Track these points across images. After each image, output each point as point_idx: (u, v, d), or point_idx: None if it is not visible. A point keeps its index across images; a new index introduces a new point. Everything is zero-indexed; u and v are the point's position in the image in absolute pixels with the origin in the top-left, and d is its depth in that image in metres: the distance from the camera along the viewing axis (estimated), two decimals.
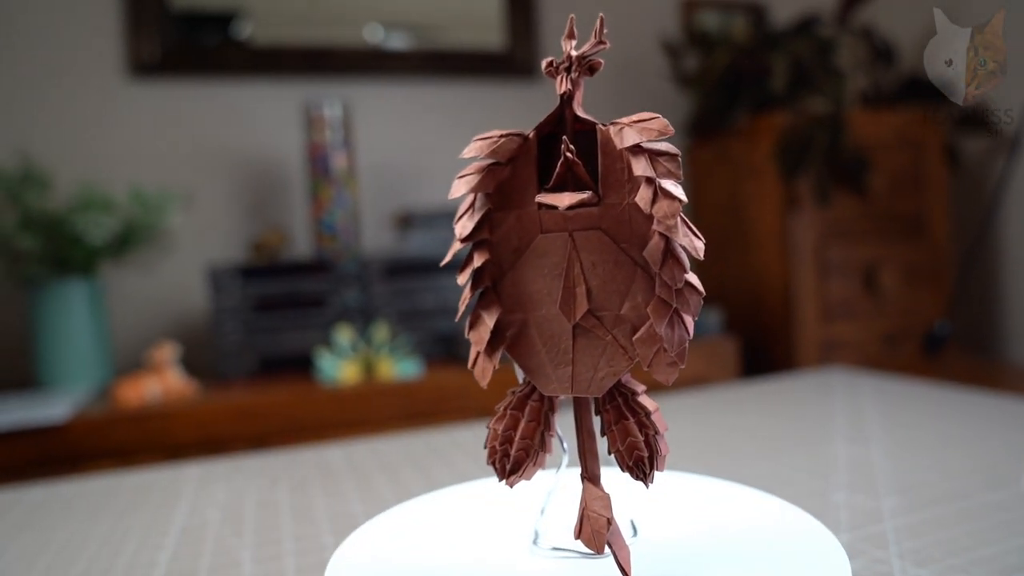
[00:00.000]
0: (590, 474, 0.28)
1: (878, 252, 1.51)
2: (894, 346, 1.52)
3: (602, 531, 0.27)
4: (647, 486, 0.27)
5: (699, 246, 0.26)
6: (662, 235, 0.26)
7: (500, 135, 0.27)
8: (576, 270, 0.27)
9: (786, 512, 0.32)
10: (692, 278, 0.26)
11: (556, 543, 0.29)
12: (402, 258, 1.30)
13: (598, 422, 0.28)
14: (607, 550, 0.27)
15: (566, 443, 0.30)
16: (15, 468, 0.96)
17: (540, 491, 0.33)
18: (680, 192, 0.26)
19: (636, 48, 1.75)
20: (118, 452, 1.00)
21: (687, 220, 0.26)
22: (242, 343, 1.22)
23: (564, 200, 0.27)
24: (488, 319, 0.27)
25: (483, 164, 0.27)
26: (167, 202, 1.21)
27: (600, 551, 0.28)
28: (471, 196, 0.27)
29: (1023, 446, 0.52)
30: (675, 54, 1.65)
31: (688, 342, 0.26)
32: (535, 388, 0.28)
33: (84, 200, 1.14)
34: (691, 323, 0.26)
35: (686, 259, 0.26)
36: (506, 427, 0.28)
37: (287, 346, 1.24)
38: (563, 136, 0.27)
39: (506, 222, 0.27)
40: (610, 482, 0.28)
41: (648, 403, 0.27)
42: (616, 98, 1.73)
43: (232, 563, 0.40)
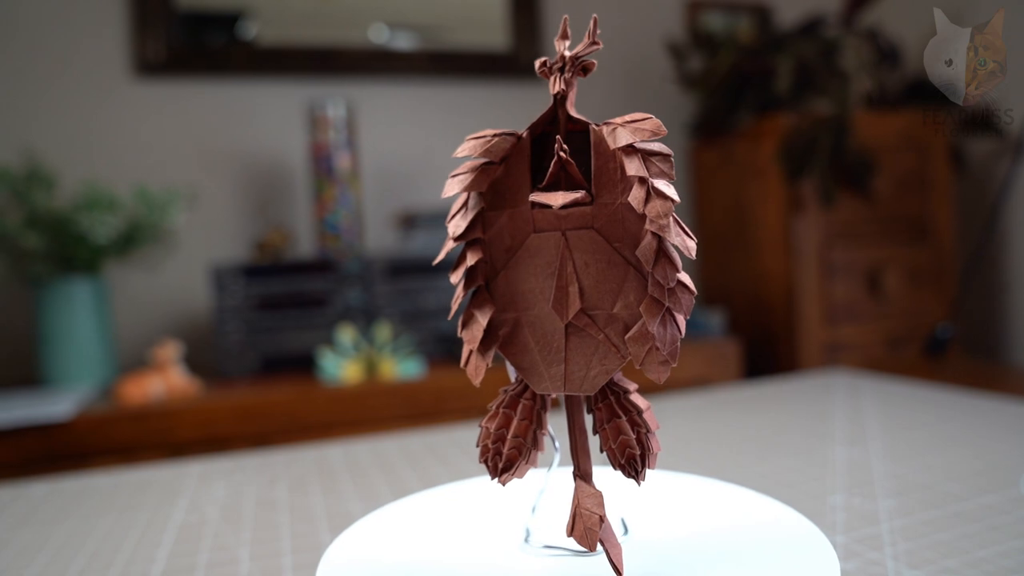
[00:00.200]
0: (582, 472, 0.28)
1: (882, 254, 1.51)
2: (898, 348, 1.52)
3: (595, 528, 0.27)
4: (639, 484, 0.27)
5: (691, 246, 0.26)
6: (655, 234, 0.26)
7: (493, 134, 0.27)
8: (569, 269, 0.27)
9: (778, 512, 0.32)
10: (684, 277, 0.26)
11: (548, 541, 0.29)
12: (405, 258, 1.31)
13: (590, 420, 0.28)
14: (599, 548, 0.28)
15: (558, 441, 0.30)
16: (20, 464, 0.97)
17: (532, 489, 0.33)
18: (673, 192, 0.26)
19: (641, 49, 1.75)
20: (121, 449, 1.01)
21: (679, 220, 0.26)
22: (245, 342, 1.22)
23: (557, 199, 0.27)
24: (481, 318, 0.27)
25: (476, 163, 0.27)
26: (171, 201, 1.22)
27: (592, 549, 0.28)
28: (464, 195, 0.27)
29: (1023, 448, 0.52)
30: (679, 55, 1.65)
31: (680, 341, 0.26)
32: (527, 387, 0.28)
33: (89, 199, 1.15)
34: (683, 322, 0.26)
35: (678, 258, 0.26)
36: (499, 425, 0.28)
37: (289, 345, 1.24)
38: (557, 136, 0.27)
39: (499, 221, 0.27)
40: (601, 480, 0.28)
41: (640, 401, 0.27)
42: (620, 99, 1.73)
43: (230, 560, 0.41)
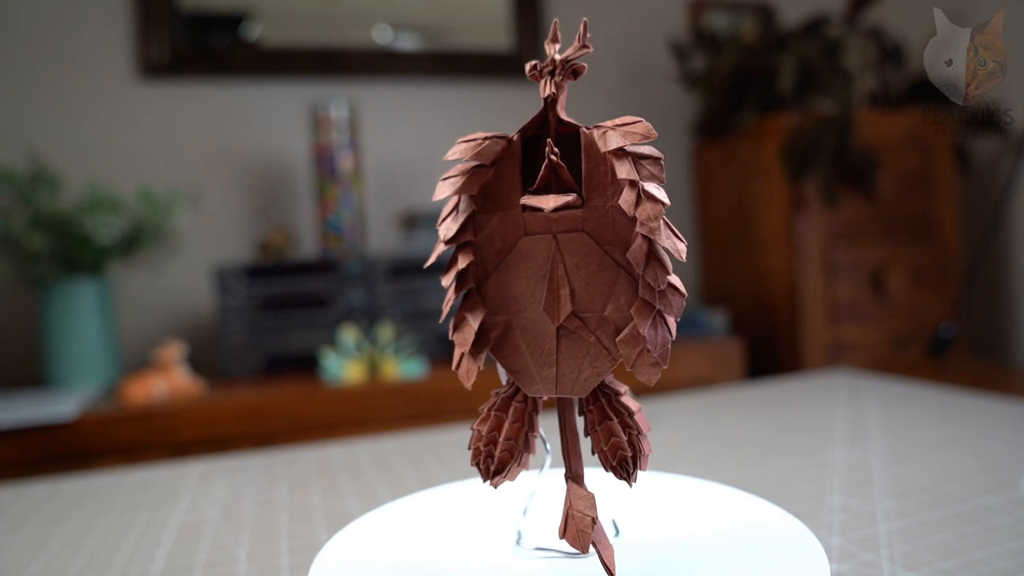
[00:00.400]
0: (574, 474, 0.28)
1: (886, 254, 1.50)
2: (902, 348, 1.51)
3: (587, 530, 0.27)
4: (630, 485, 0.27)
5: (681, 248, 0.26)
6: (645, 237, 0.26)
7: (484, 137, 0.27)
8: (560, 272, 0.27)
9: (770, 514, 0.32)
10: (675, 280, 0.26)
11: (539, 543, 0.29)
12: (407, 258, 1.31)
13: (581, 423, 0.28)
14: (591, 549, 0.28)
15: (549, 444, 0.30)
16: (24, 464, 0.97)
17: (525, 491, 0.33)
18: (663, 195, 0.26)
19: (644, 49, 1.75)
20: (125, 449, 1.01)
21: (669, 223, 0.26)
22: (248, 342, 1.23)
23: (549, 202, 0.27)
24: (472, 321, 0.27)
25: (467, 166, 0.27)
26: (175, 202, 1.22)
27: (585, 550, 0.28)
28: (455, 198, 0.27)
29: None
30: (682, 55, 1.65)
31: (671, 343, 0.26)
32: (519, 389, 0.28)
33: (93, 200, 1.15)
34: (674, 324, 0.26)
35: (669, 261, 0.26)
36: (490, 428, 0.28)
37: (292, 346, 1.24)
38: (547, 139, 0.27)
39: (490, 224, 0.27)
40: (593, 482, 0.28)
41: (631, 403, 0.27)
42: (623, 98, 1.73)
43: (228, 560, 0.41)
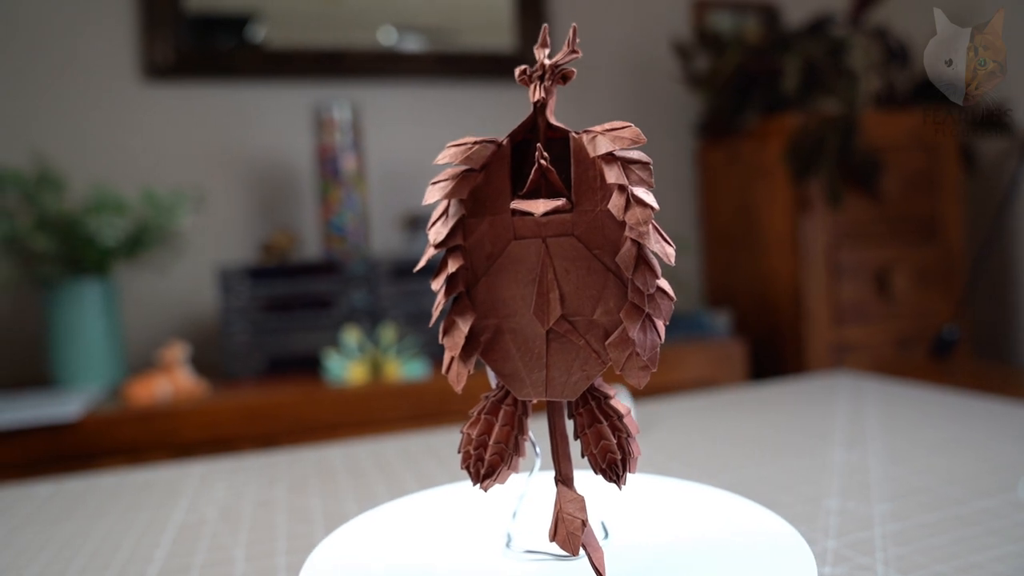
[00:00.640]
0: (564, 477, 0.28)
1: (891, 254, 1.50)
2: (907, 349, 1.51)
3: (577, 533, 0.28)
4: (620, 488, 0.27)
5: (670, 252, 0.26)
6: (634, 241, 0.26)
7: (474, 142, 0.27)
8: (549, 276, 0.27)
9: (760, 517, 0.32)
10: (664, 283, 0.26)
11: (529, 546, 0.29)
12: (410, 260, 1.31)
13: (570, 426, 0.28)
14: (580, 552, 0.28)
15: (539, 447, 0.30)
16: (28, 464, 0.98)
17: (515, 494, 0.33)
18: (652, 200, 0.26)
19: (647, 49, 1.75)
20: (128, 450, 1.02)
21: (658, 227, 0.26)
22: (251, 343, 1.23)
23: (539, 207, 0.27)
24: (462, 325, 0.27)
25: (457, 170, 0.27)
26: (178, 203, 1.23)
27: (575, 553, 0.28)
28: (445, 202, 0.27)
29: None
30: (686, 55, 1.65)
31: (660, 346, 0.26)
32: (508, 392, 0.28)
33: (97, 201, 1.16)
34: (663, 328, 0.26)
35: (658, 265, 0.26)
36: (480, 432, 0.28)
37: (295, 346, 1.25)
38: (537, 143, 0.27)
39: (479, 228, 0.27)
40: (582, 485, 0.28)
41: (620, 406, 0.27)
42: (627, 99, 1.73)
43: (225, 560, 0.41)
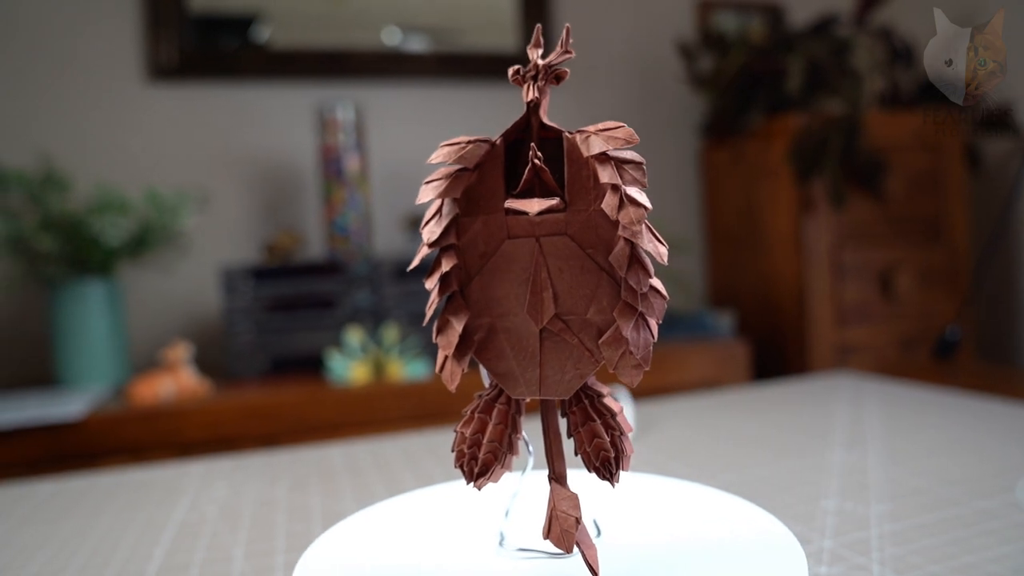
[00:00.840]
0: (557, 475, 0.28)
1: (895, 255, 1.49)
2: (911, 350, 1.50)
3: (571, 530, 0.28)
4: (613, 486, 0.27)
5: (663, 252, 0.26)
6: (627, 241, 0.26)
7: (467, 141, 0.27)
8: (543, 275, 0.27)
9: (753, 516, 0.32)
10: (656, 282, 0.26)
11: (522, 544, 0.30)
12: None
13: (563, 424, 0.29)
14: (574, 550, 0.28)
15: (531, 446, 0.30)
16: (32, 463, 0.98)
17: (508, 493, 0.33)
18: (645, 199, 0.26)
19: (652, 49, 1.75)
20: (131, 449, 1.03)
21: (651, 226, 0.26)
22: (254, 343, 1.23)
23: (534, 206, 0.27)
24: (456, 324, 0.27)
25: (450, 170, 0.27)
26: (182, 204, 1.24)
27: (569, 551, 0.28)
28: (438, 201, 0.28)
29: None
30: (690, 55, 1.65)
31: (652, 345, 0.26)
32: (502, 391, 0.28)
33: (101, 202, 1.17)
34: (655, 326, 0.27)
35: (650, 264, 0.26)
36: (474, 430, 0.28)
37: (298, 346, 1.25)
38: (531, 143, 0.27)
39: (473, 227, 0.28)
40: (575, 483, 0.29)
41: (613, 405, 0.28)
42: (631, 99, 1.73)
43: (224, 558, 0.41)
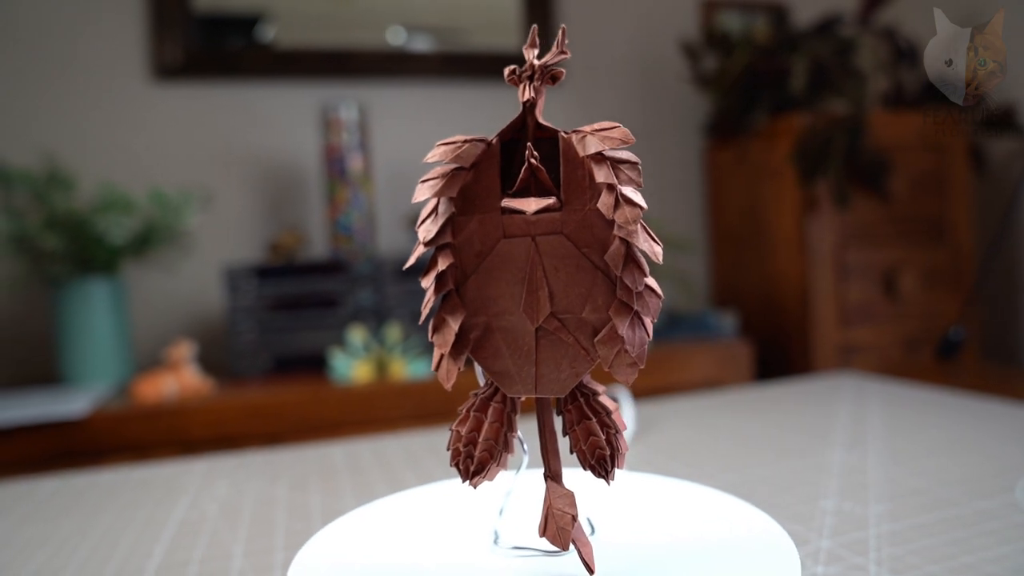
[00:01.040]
0: (553, 473, 0.28)
1: (899, 255, 1.49)
2: (914, 351, 1.50)
3: (567, 528, 0.28)
4: (608, 483, 0.27)
5: (658, 251, 0.26)
6: (623, 240, 0.26)
7: (464, 140, 0.27)
8: (539, 274, 0.27)
9: (748, 516, 0.32)
10: (651, 282, 0.26)
11: (516, 542, 0.30)
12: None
13: (559, 423, 0.29)
14: (569, 547, 0.28)
15: (526, 444, 0.30)
16: (36, 461, 0.99)
17: (504, 491, 0.33)
18: (640, 199, 0.26)
19: (656, 49, 1.74)
20: (134, 447, 1.03)
21: (646, 226, 0.26)
22: (257, 342, 1.24)
23: (531, 205, 0.27)
24: (452, 323, 0.27)
25: (447, 169, 0.27)
26: (186, 203, 1.24)
27: (565, 548, 0.28)
28: (434, 200, 0.28)
29: None
30: (694, 55, 1.64)
31: (648, 343, 0.27)
32: (497, 390, 0.28)
33: (105, 201, 1.17)
34: (650, 325, 0.27)
35: (645, 263, 0.26)
36: (470, 429, 0.28)
37: (301, 345, 1.26)
38: (528, 143, 0.27)
39: (469, 226, 0.28)
40: (570, 482, 0.29)
41: (608, 403, 0.28)
42: (635, 98, 1.73)
43: (223, 556, 0.42)
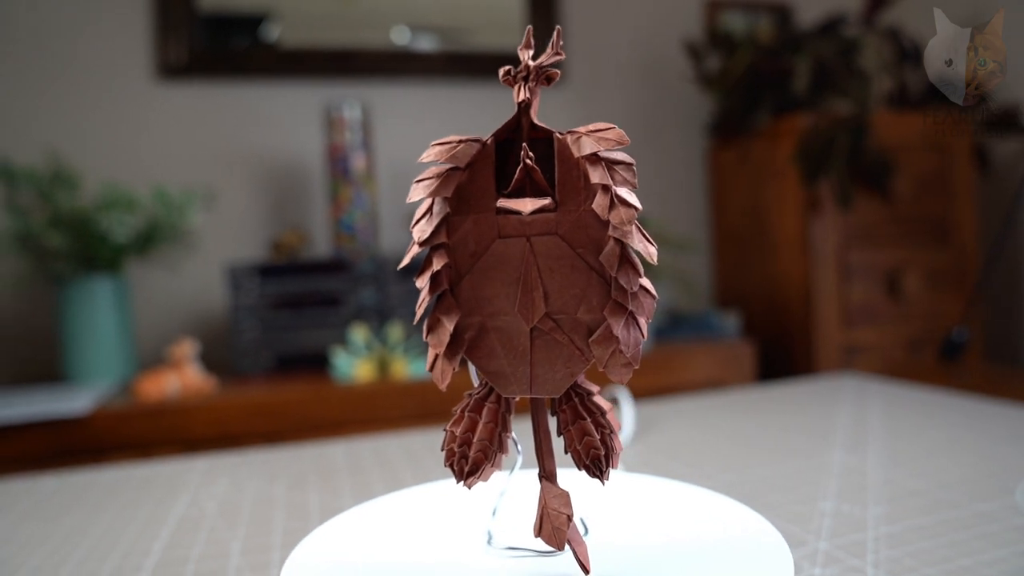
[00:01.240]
0: (547, 473, 0.28)
1: (902, 256, 1.48)
2: (918, 352, 1.49)
3: (563, 528, 0.28)
4: (603, 483, 0.27)
5: (652, 252, 0.26)
6: (618, 240, 0.26)
7: (459, 140, 0.27)
8: (533, 274, 0.27)
9: (744, 517, 0.32)
10: (646, 282, 0.26)
11: (510, 543, 0.30)
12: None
13: (553, 423, 0.29)
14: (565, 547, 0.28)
15: (520, 445, 0.30)
16: (38, 458, 0.99)
17: (497, 491, 0.33)
18: (635, 200, 0.26)
19: (659, 49, 1.74)
20: (137, 445, 1.03)
21: (641, 227, 0.26)
22: (260, 340, 1.24)
23: (527, 206, 0.27)
24: (447, 322, 0.27)
25: (442, 169, 0.27)
26: (189, 202, 1.24)
27: (560, 548, 0.28)
28: (429, 200, 0.28)
29: None
30: (697, 55, 1.64)
31: (642, 344, 0.27)
32: (492, 390, 0.28)
33: (109, 199, 1.18)
34: (645, 325, 0.27)
35: (640, 264, 0.26)
36: (464, 429, 0.28)
37: (303, 344, 1.26)
38: (523, 143, 0.27)
39: (464, 226, 0.28)
40: (564, 482, 0.29)
41: (603, 403, 0.28)
42: (638, 98, 1.73)
43: (221, 554, 0.42)
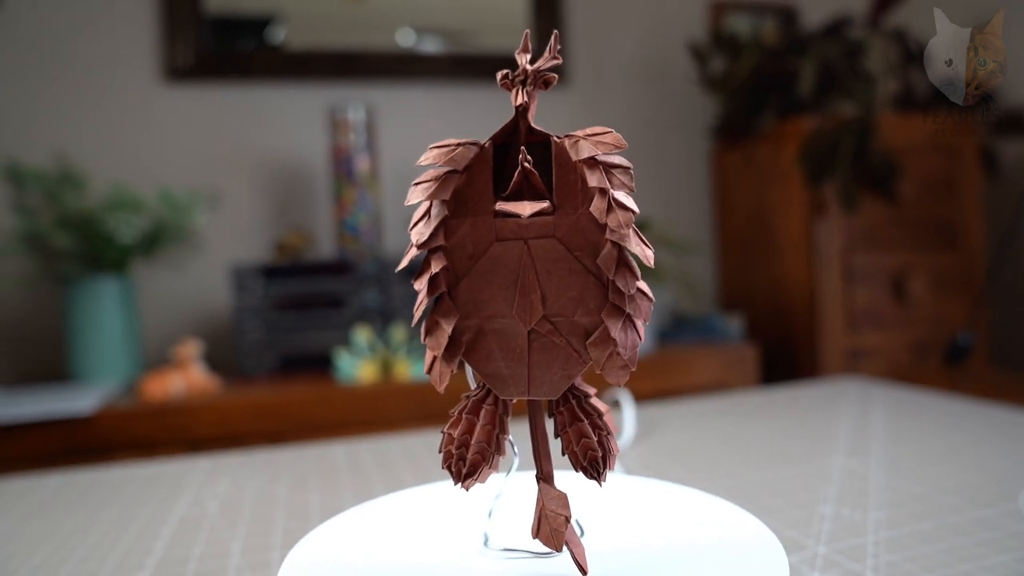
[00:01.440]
0: (545, 474, 0.28)
1: (908, 259, 1.48)
2: (923, 356, 1.49)
3: (561, 529, 0.28)
4: (600, 485, 0.27)
5: (649, 255, 0.26)
6: (615, 244, 0.26)
7: (457, 143, 0.27)
8: (531, 277, 0.27)
9: (741, 520, 0.32)
10: (643, 285, 0.27)
11: (506, 544, 0.30)
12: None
13: (550, 425, 0.29)
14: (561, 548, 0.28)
15: (516, 447, 0.31)
16: (44, 457, 1.00)
17: (494, 493, 0.33)
18: (632, 203, 0.26)
19: (664, 51, 1.74)
20: (141, 444, 1.04)
21: (637, 230, 0.26)
22: (263, 341, 1.25)
23: (525, 209, 0.27)
24: (445, 325, 0.28)
25: (440, 172, 0.27)
26: (194, 203, 1.25)
27: (559, 549, 0.28)
28: (427, 203, 0.28)
29: None
30: (702, 57, 1.64)
31: (639, 346, 0.27)
32: (489, 392, 0.28)
33: (115, 200, 1.18)
34: (642, 328, 0.27)
35: (637, 267, 0.26)
36: (462, 431, 0.28)
37: (307, 345, 1.26)
38: (521, 147, 0.27)
39: (461, 229, 0.28)
40: (561, 484, 0.29)
41: (600, 405, 0.28)
42: (642, 100, 1.73)
43: (221, 553, 0.42)
